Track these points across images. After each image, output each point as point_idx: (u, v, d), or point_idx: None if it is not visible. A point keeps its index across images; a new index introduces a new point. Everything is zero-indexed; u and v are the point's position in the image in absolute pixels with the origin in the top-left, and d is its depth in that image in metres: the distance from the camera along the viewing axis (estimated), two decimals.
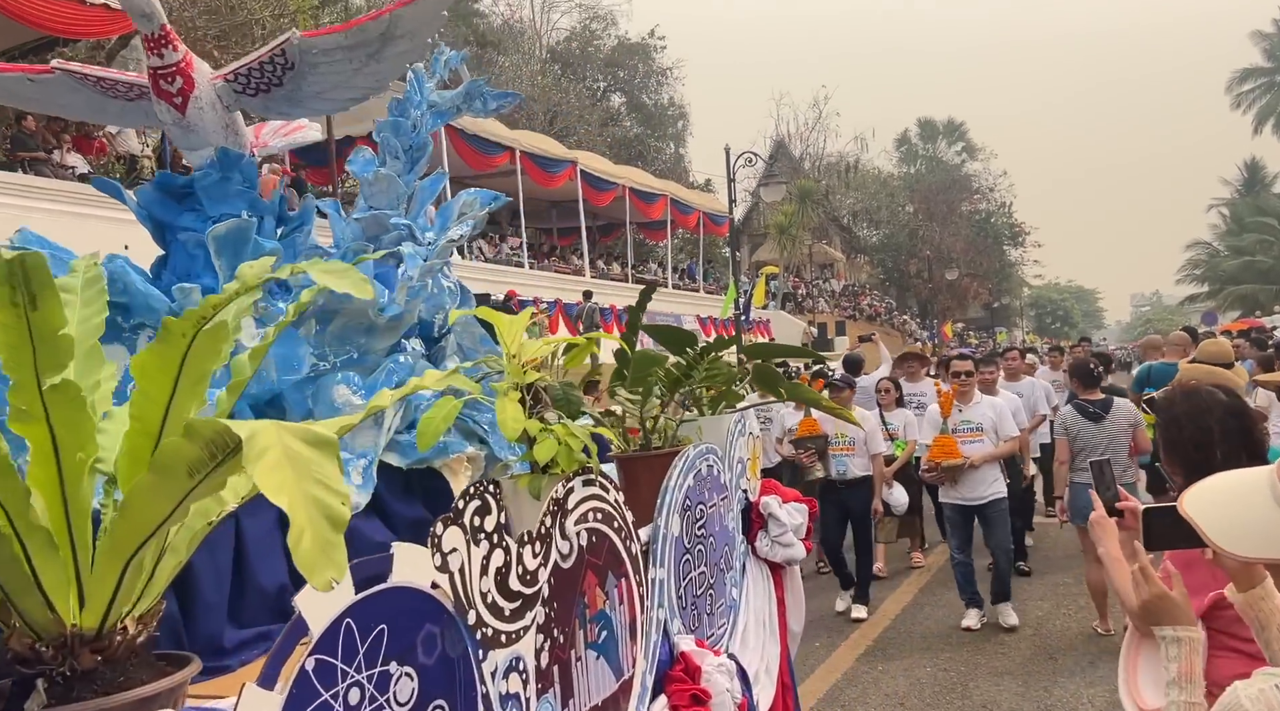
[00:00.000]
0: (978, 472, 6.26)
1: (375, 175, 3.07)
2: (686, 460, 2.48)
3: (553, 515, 1.78)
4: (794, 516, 3.04)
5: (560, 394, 2.11)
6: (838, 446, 6.96)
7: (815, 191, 41.85)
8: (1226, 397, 2.41)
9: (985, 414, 6.37)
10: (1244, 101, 53.57)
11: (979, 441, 6.32)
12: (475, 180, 23.28)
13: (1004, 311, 63.18)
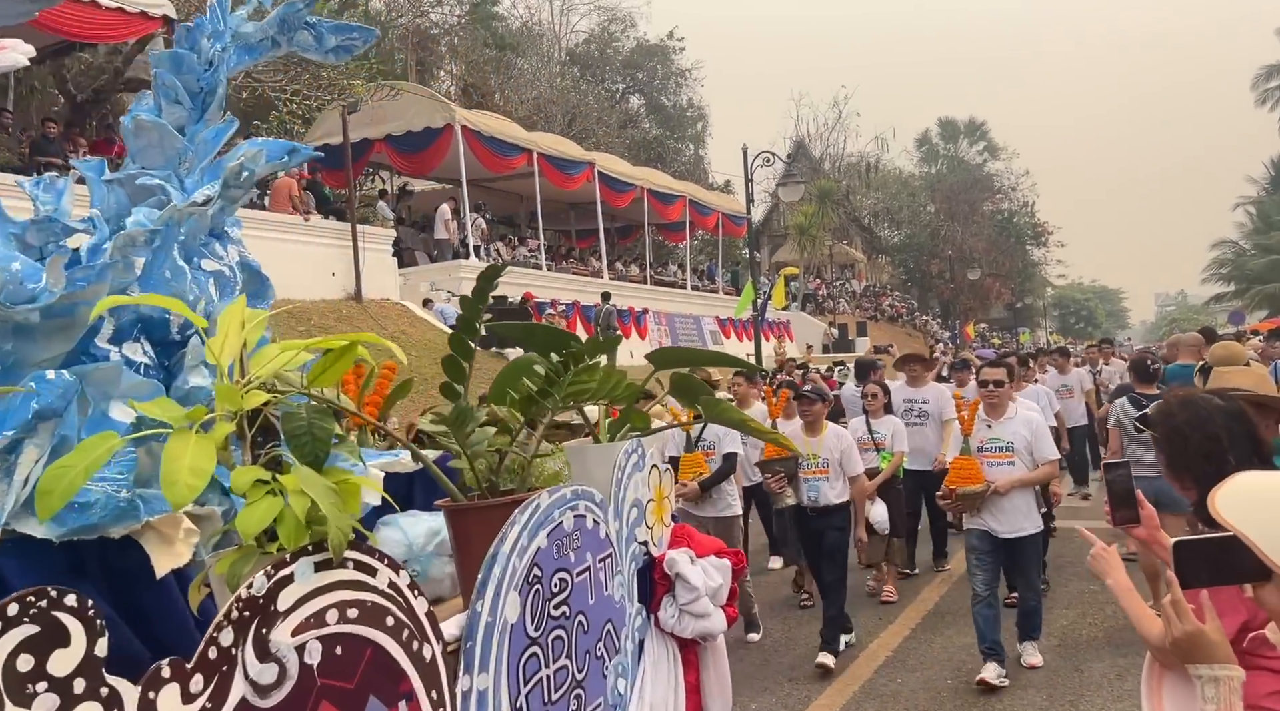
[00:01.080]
0: (1008, 501, 5.27)
1: (137, 123, 2.16)
2: (533, 512, 1.83)
3: (240, 624, 1.20)
4: (711, 576, 2.40)
5: (303, 424, 1.48)
6: (809, 469, 6.00)
7: (835, 192, 41.60)
8: (1224, 402, 2.30)
9: (1018, 431, 5.36)
10: (1270, 98, 52.74)
11: (1008, 463, 5.33)
12: (492, 182, 23.30)
13: (1027, 312, 62.56)
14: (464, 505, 1.98)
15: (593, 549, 2.06)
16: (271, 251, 14.52)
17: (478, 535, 1.78)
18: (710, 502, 6.09)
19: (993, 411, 5.49)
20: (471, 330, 2.08)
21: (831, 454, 5.97)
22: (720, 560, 2.49)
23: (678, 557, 2.36)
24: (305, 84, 15.83)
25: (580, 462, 2.24)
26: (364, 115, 17.40)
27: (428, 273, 18.89)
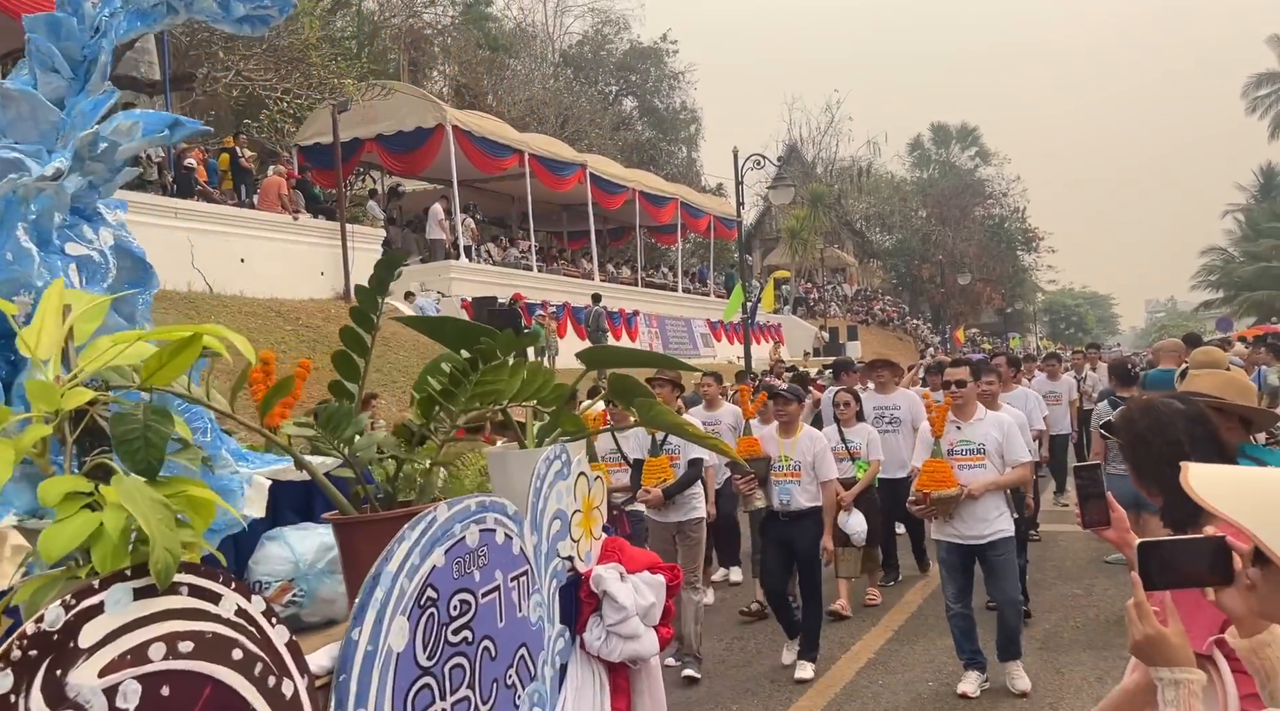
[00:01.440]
0: (978, 505, 5.09)
1: (4, 94, 1.94)
2: (427, 527, 1.63)
3: (23, 666, 1.01)
4: (643, 595, 2.21)
5: (136, 428, 1.28)
6: (781, 471, 5.80)
7: (827, 195, 41.67)
8: (1185, 406, 2.30)
9: (988, 433, 5.20)
10: (1260, 106, 53.04)
11: (979, 466, 5.15)
12: (484, 183, 23.29)
13: (1017, 317, 62.77)
14: (349, 519, 1.80)
15: (504, 566, 1.85)
16: (260, 250, 14.51)
17: (366, 553, 1.57)
18: (675, 508, 5.84)
19: (960, 412, 5.29)
20: (367, 323, 1.88)
21: (804, 457, 5.77)
22: (654, 577, 2.27)
23: (605, 574, 2.16)
24: (296, 83, 15.80)
25: (501, 471, 2.06)
26: (355, 114, 17.36)
27: (417, 273, 18.85)
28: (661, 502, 5.77)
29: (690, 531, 5.88)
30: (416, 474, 1.89)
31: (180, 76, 15.80)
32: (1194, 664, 1.56)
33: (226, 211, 14.33)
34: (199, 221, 13.55)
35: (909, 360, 34.76)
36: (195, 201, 13.84)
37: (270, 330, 13.12)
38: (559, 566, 2.10)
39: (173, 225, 13.03)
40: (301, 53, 15.69)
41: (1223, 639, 1.67)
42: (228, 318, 12.82)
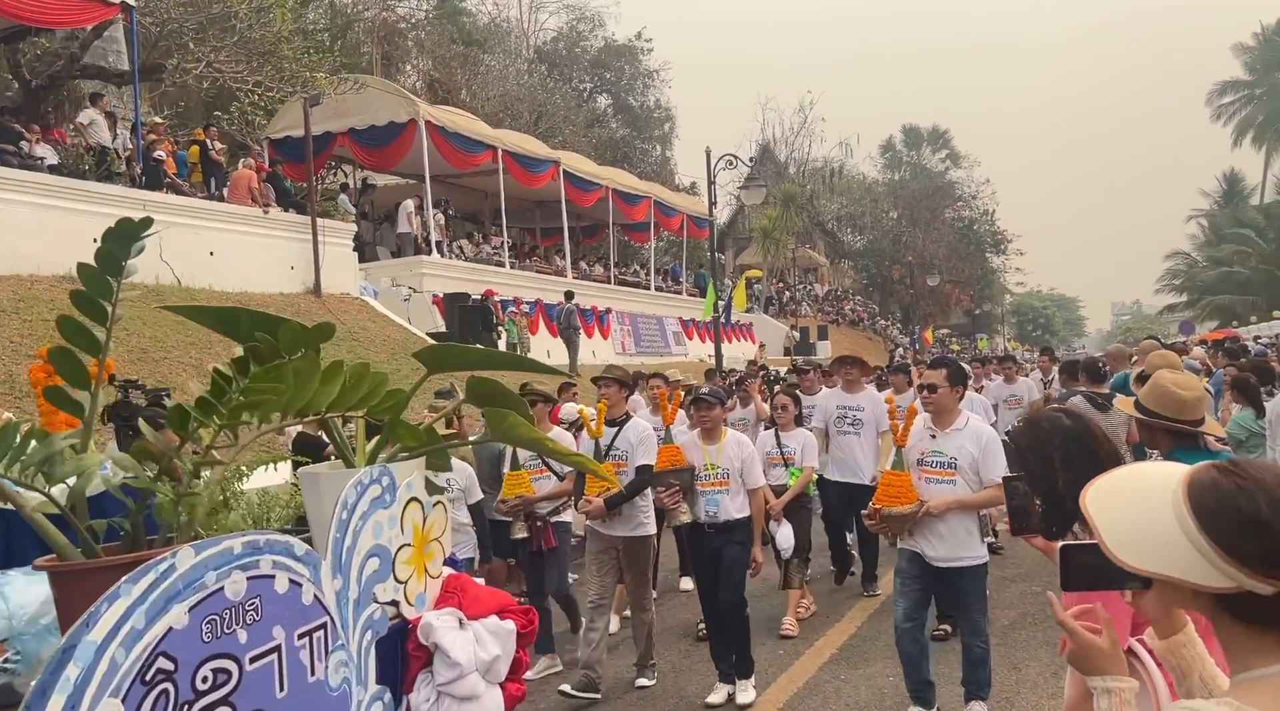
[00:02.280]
0: (944, 524, 4.55)
1: None
2: (158, 579, 1.27)
3: None
4: (485, 646, 1.88)
5: None
6: (707, 481, 5.41)
7: (799, 196, 41.94)
8: (1068, 423, 2.39)
9: (964, 446, 4.59)
10: (1223, 113, 54.07)
11: (948, 482, 4.59)
12: (456, 178, 23.21)
13: (985, 318, 63.49)
14: (61, 567, 1.46)
15: (287, 620, 1.49)
16: (229, 243, 14.40)
17: (83, 609, 1.22)
18: (620, 520, 5.43)
19: (938, 420, 4.72)
20: (98, 312, 1.55)
21: (731, 463, 5.39)
22: (502, 623, 1.93)
23: (436, 622, 1.81)
24: (267, 75, 15.68)
25: (314, 497, 1.71)
26: (327, 108, 17.25)
27: (389, 268, 18.79)
28: (603, 514, 5.35)
29: (636, 548, 5.50)
30: (179, 505, 1.50)
31: (150, 67, 15.63)
32: (1126, 672, 1.63)
33: (196, 204, 14.20)
34: (168, 214, 13.40)
35: (879, 360, 35.03)
36: (164, 193, 13.70)
37: None
38: (376, 615, 1.72)
39: (140, 217, 12.90)
40: (273, 45, 15.58)
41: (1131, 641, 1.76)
42: None
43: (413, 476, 1.85)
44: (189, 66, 15.26)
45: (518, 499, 5.93)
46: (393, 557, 1.79)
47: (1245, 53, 53.35)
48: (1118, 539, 1.31)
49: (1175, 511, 1.27)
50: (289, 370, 1.57)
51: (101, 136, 13.55)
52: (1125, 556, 1.30)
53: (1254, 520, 1.22)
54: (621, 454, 5.53)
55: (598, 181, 25.16)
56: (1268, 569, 1.20)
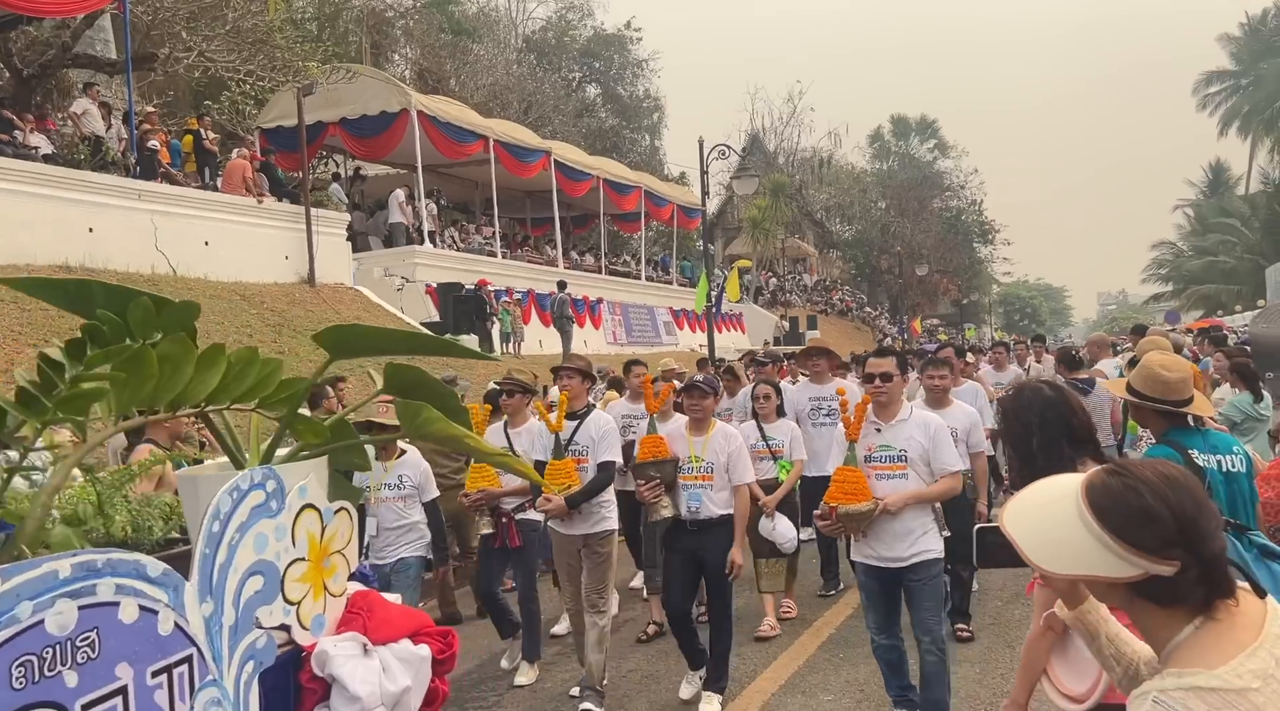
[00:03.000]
0: (897, 522, 4.30)
1: None
2: None
3: None
4: (393, 676, 1.60)
5: None
6: (690, 474, 5.08)
7: (788, 186, 42.05)
8: (1050, 393, 2.70)
9: (913, 437, 4.36)
10: (1210, 104, 54.41)
11: (900, 476, 4.35)
12: (448, 168, 23.22)
13: (973, 308, 63.84)
14: None
15: (136, 655, 1.23)
16: (224, 233, 14.42)
17: None
18: (581, 519, 5.14)
19: (882, 412, 4.45)
20: None
21: (717, 457, 5.03)
22: (414, 648, 1.66)
23: (333, 650, 1.55)
24: (259, 65, 15.66)
25: (193, 504, 1.46)
26: (318, 98, 17.23)
27: (381, 258, 18.81)
28: (564, 512, 5.06)
29: (597, 546, 5.20)
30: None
31: (141, 56, 15.58)
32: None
33: (190, 193, 14.20)
34: (162, 203, 13.42)
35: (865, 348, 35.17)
36: (159, 183, 13.70)
37: (235, 314, 13.07)
38: (261, 642, 1.46)
39: (135, 206, 12.92)
40: (266, 34, 15.55)
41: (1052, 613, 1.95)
42: (192, 300, 12.74)
43: (308, 479, 1.55)
44: (180, 55, 15.22)
45: (480, 493, 5.60)
46: (281, 575, 1.50)
47: (1231, 43, 53.69)
48: (1037, 552, 1.46)
49: (1080, 516, 1.42)
50: (148, 356, 1.31)
51: (95, 126, 13.53)
52: (1047, 566, 1.46)
53: (1144, 511, 1.38)
54: (583, 448, 5.22)
55: (589, 171, 25.19)
56: (1164, 551, 1.36)
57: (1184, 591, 1.38)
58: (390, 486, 5.39)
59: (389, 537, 5.37)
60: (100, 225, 12.39)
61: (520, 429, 5.74)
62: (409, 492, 5.41)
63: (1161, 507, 1.38)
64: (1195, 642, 1.38)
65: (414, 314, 17.14)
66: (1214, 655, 1.35)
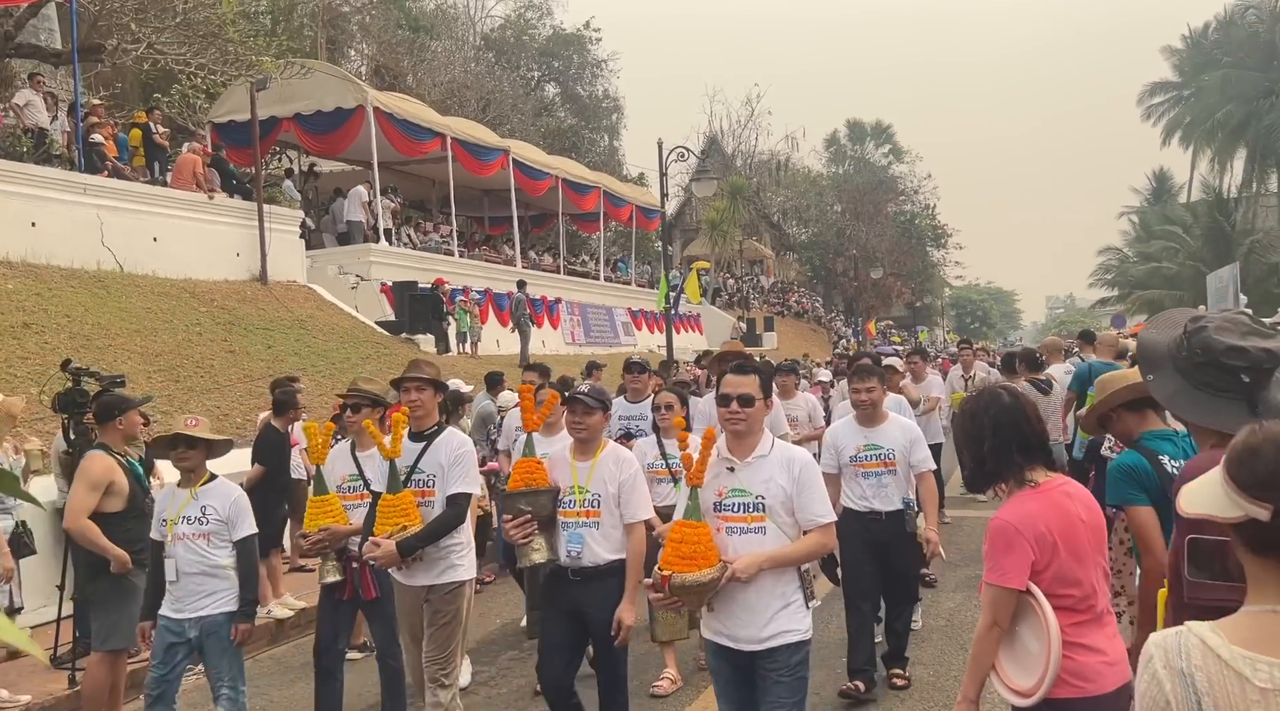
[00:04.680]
0: (750, 592, 3.23)
1: None
2: None
3: None
4: None
5: None
6: (571, 509, 3.97)
7: (746, 188, 42.28)
8: (1009, 400, 2.77)
9: (773, 478, 3.27)
10: (1154, 113, 55.66)
11: (756, 530, 3.26)
12: (404, 165, 22.97)
13: (926, 311, 64.71)
14: None
15: None
16: (173, 229, 14.12)
17: None
18: (423, 568, 4.16)
19: (738, 445, 3.35)
20: None
21: (606, 487, 3.95)
22: None
23: None
24: (211, 58, 15.34)
25: None
26: (272, 93, 16.94)
27: (336, 255, 18.55)
28: (397, 561, 4.07)
29: (443, 602, 4.18)
30: None
31: (88, 47, 15.19)
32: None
33: (139, 188, 13.88)
34: (109, 198, 13.10)
35: (824, 353, 35.46)
36: (105, 177, 13.37)
37: (184, 311, 12.80)
38: None
39: (80, 200, 12.59)
40: (218, 27, 15.25)
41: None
42: (140, 298, 12.47)
43: None
44: (129, 47, 14.86)
45: (323, 532, 4.45)
46: None
47: (1174, 55, 55.00)
48: (1185, 496, 1.51)
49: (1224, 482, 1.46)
50: None
51: (39, 118, 13.17)
52: (1184, 505, 1.50)
53: (1250, 448, 1.41)
54: (427, 478, 4.21)
55: (547, 171, 25.10)
56: (1259, 492, 1.37)
57: (1275, 540, 1.36)
58: (190, 519, 4.29)
59: (189, 586, 4.25)
60: (44, 220, 12.06)
61: (372, 450, 4.57)
62: (214, 528, 4.31)
63: (1269, 448, 1.39)
64: (1267, 622, 1.36)
65: (369, 313, 16.94)
66: (1267, 641, 1.34)
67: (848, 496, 5.20)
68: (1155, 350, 2.17)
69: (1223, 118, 45.32)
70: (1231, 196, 47.42)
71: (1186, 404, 2.08)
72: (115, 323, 11.42)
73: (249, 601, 4.40)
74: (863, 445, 5.18)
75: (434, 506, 4.19)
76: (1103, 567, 2.68)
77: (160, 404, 10.00)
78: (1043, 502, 2.62)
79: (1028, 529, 2.57)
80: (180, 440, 4.22)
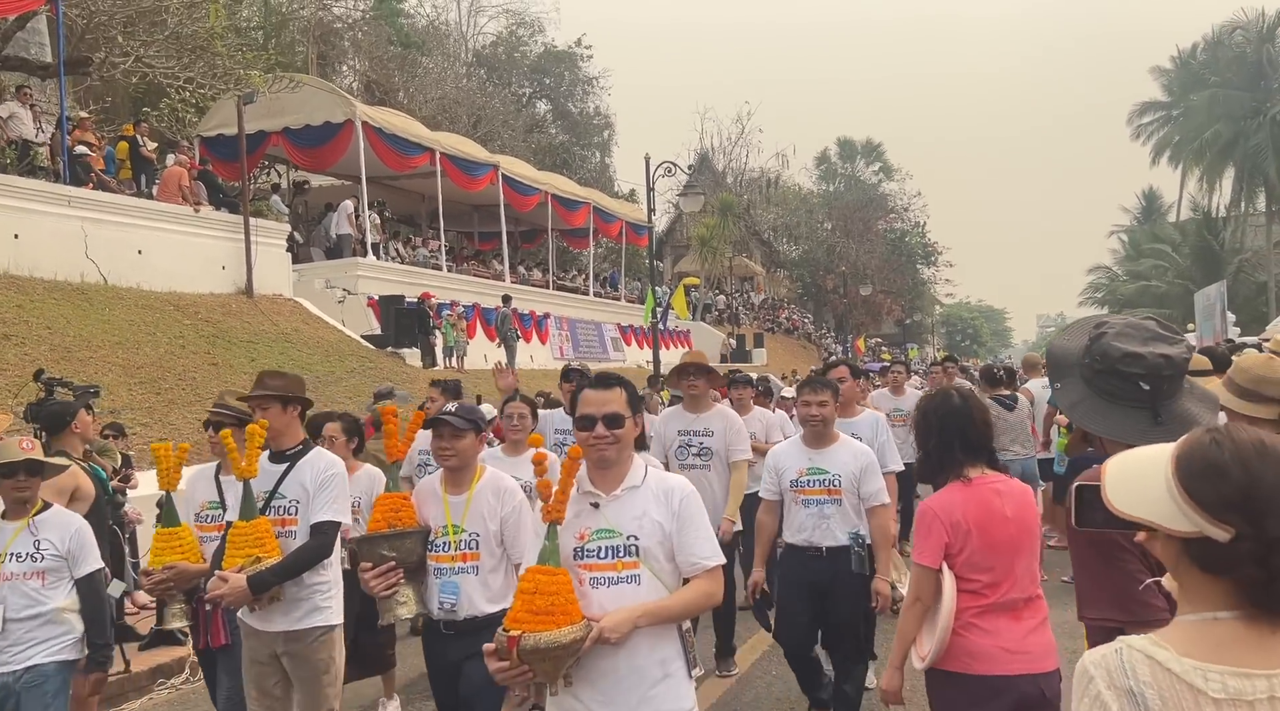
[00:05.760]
0: (621, 657, 2.51)
1: None
2: None
3: None
4: None
5: None
6: (444, 553, 3.29)
7: (736, 205, 42.43)
8: (958, 402, 3.02)
9: (647, 513, 2.61)
10: (1143, 133, 56.09)
11: (628, 580, 2.57)
12: (393, 180, 23.00)
13: (916, 328, 64.89)
14: None
15: None
16: (159, 242, 14.09)
17: None
18: (281, 610, 3.56)
19: (602, 477, 2.64)
20: None
21: (484, 524, 3.29)
22: None
23: None
24: (200, 72, 15.36)
25: None
26: (261, 107, 16.96)
27: (323, 269, 18.53)
28: (248, 599, 3.44)
29: (307, 652, 3.58)
30: None
31: (76, 60, 15.21)
32: None
33: (124, 201, 13.85)
34: (94, 210, 13.08)
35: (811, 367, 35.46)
36: (90, 189, 13.35)
37: (168, 324, 12.75)
38: None
39: (64, 212, 12.56)
40: (206, 41, 15.28)
41: None
42: (124, 310, 12.42)
43: None
44: (117, 60, 14.88)
45: (169, 569, 3.79)
46: None
47: (1163, 75, 55.49)
48: (1116, 490, 1.41)
49: (1165, 466, 1.37)
50: None
51: (24, 130, 13.15)
52: (1117, 503, 1.40)
53: (1214, 465, 1.31)
54: (288, 505, 3.65)
55: (537, 186, 25.15)
56: (1221, 513, 1.28)
57: (1230, 563, 1.28)
58: (21, 557, 3.67)
59: (16, 634, 3.63)
60: (26, 231, 12.03)
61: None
62: (50, 565, 3.71)
63: (1235, 468, 1.29)
64: (1210, 630, 1.30)
65: (355, 326, 16.91)
66: (1214, 649, 1.28)
67: (786, 528, 4.55)
68: (1064, 358, 2.13)
69: (1211, 137, 45.64)
70: (1220, 216, 47.74)
71: (1088, 413, 2.04)
72: (98, 335, 11.37)
73: (100, 646, 3.80)
74: (805, 468, 4.42)
75: (296, 537, 3.60)
76: (1025, 562, 2.87)
77: (139, 415, 9.94)
78: (966, 495, 2.87)
79: (945, 515, 2.84)
80: (20, 467, 3.62)
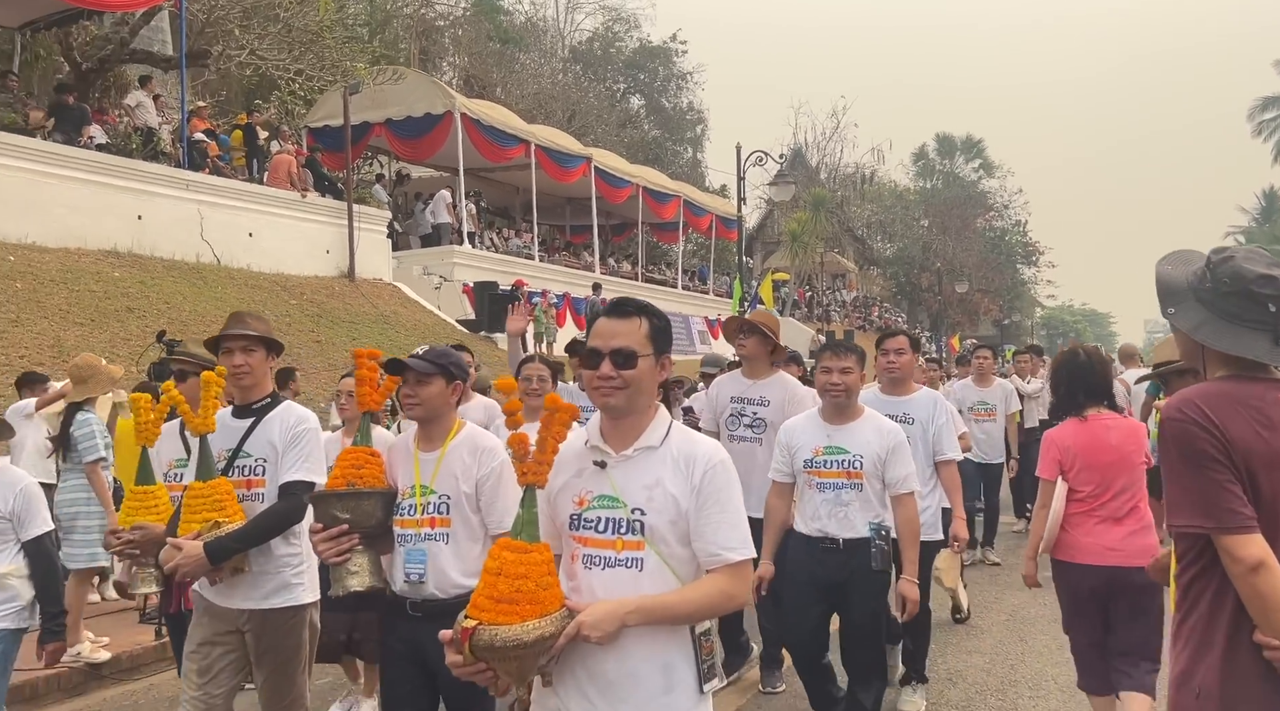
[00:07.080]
0: (610, 659, 2.01)
1: None
2: None
3: None
4: None
5: None
6: (410, 517, 2.88)
7: (829, 201, 41.94)
8: (1083, 358, 3.89)
9: (659, 481, 2.06)
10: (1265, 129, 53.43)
11: (628, 561, 2.06)
12: (489, 172, 23.53)
13: (1014, 329, 63.09)
14: None
15: None
16: (268, 225, 14.77)
17: None
18: (245, 585, 3.11)
19: (612, 428, 2.14)
20: None
21: (457, 485, 2.85)
22: None
23: None
24: (309, 64, 16.07)
25: None
26: (365, 98, 17.61)
27: (420, 256, 19.11)
28: (206, 569, 3.00)
29: (275, 636, 3.13)
30: None
31: (195, 53, 16.06)
32: None
33: (237, 186, 14.58)
34: (210, 194, 13.80)
35: None
36: (206, 174, 14.09)
37: (275, 304, 13.37)
38: None
39: (182, 196, 13.30)
40: (316, 34, 15.95)
41: None
42: (234, 290, 13.08)
43: None
44: (233, 53, 15.67)
45: (138, 530, 3.36)
46: None
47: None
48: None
49: None
50: None
51: (148, 118, 13.96)
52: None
53: None
54: (255, 464, 3.19)
55: (628, 179, 25.37)
56: None
57: None
58: None
59: None
60: (149, 213, 12.77)
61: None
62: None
63: None
64: None
65: (450, 311, 17.40)
66: None
67: (798, 515, 3.94)
68: (1175, 284, 2.17)
69: None
70: None
71: (1214, 333, 2.07)
72: (210, 311, 12.01)
73: (54, 614, 3.45)
74: (823, 446, 3.82)
75: (264, 500, 3.14)
76: (1124, 481, 3.68)
77: None
78: (1079, 428, 3.77)
79: (1059, 441, 3.80)
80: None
